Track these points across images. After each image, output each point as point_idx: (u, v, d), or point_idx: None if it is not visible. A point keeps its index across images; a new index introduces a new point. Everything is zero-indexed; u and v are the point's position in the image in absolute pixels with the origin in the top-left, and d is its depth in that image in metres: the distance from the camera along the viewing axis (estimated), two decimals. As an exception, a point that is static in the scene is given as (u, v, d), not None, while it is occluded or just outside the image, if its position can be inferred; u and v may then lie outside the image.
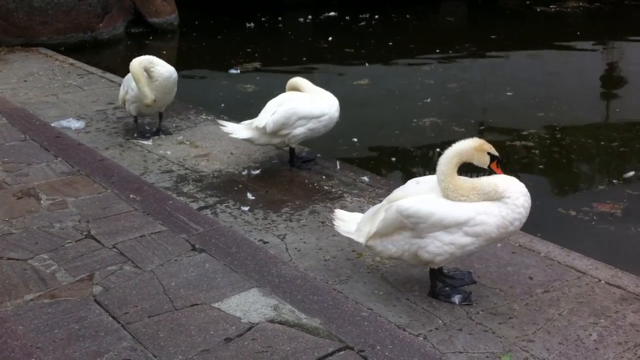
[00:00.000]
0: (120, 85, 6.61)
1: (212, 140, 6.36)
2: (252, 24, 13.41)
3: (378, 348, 3.25)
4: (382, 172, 6.47)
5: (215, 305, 3.61)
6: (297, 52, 11.73)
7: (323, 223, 4.66)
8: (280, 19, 14.01)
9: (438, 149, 7.11)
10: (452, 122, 7.80)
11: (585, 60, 11.36)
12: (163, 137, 6.47)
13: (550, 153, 7.03)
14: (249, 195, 5.14)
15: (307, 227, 4.64)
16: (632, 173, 6.32)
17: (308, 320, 3.47)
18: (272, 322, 3.47)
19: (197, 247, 4.25)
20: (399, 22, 13.80)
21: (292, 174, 5.59)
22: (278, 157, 5.92)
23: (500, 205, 3.42)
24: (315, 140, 5.76)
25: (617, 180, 6.23)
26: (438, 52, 11.35)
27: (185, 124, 6.85)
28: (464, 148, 3.50)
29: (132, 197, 5.00)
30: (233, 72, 10.08)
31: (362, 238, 3.76)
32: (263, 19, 13.80)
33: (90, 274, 3.95)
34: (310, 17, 14.15)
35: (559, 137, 7.35)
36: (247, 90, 9.21)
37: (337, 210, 4.07)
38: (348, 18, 13.88)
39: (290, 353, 3.21)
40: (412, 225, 3.51)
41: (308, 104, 5.42)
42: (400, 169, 6.85)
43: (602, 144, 7.26)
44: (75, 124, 6.75)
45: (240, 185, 5.36)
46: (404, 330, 3.44)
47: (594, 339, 3.39)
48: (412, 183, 3.72)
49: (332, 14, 14.19)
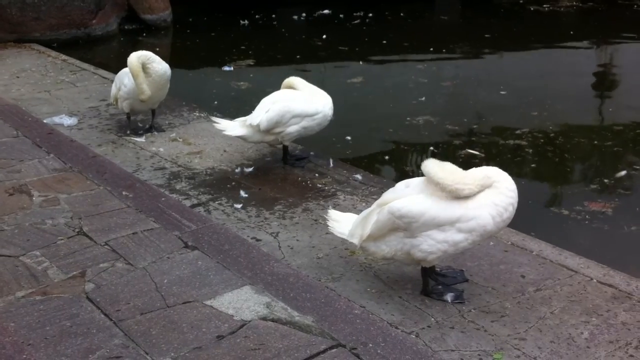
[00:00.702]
0: (113, 82, 6.59)
1: (205, 138, 6.34)
2: (246, 21, 13.38)
3: (370, 346, 3.25)
4: (375, 170, 6.46)
5: (208, 303, 3.61)
6: (291, 49, 11.71)
7: (316, 221, 4.65)
8: (274, 17, 13.98)
9: (432, 148, 7.12)
10: (445, 120, 7.80)
11: (579, 60, 11.38)
12: (156, 134, 6.45)
13: (544, 152, 7.04)
14: (242, 193, 5.13)
15: (300, 224, 4.64)
16: (624, 172, 6.34)
17: (300, 318, 3.47)
18: (264, 319, 3.46)
19: (189, 244, 4.24)
20: (393, 20, 13.79)
21: (285, 172, 5.58)
22: (271, 154, 5.91)
23: (492, 192, 3.45)
24: (309, 138, 5.75)
25: (609, 180, 6.25)
26: (432, 50, 11.35)
27: (179, 121, 6.83)
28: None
29: (124, 194, 4.99)
30: (227, 69, 10.05)
31: (355, 240, 3.77)
32: (257, 17, 13.77)
33: (82, 271, 3.94)
34: (304, 14, 14.12)
35: (552, 136, 7.37)
36: (240, 88, 9.19)
37: (330, 211, 4.07)
38: (342, 16, 13.86)
39: (283, 350, 3.21)
40: (405, 226, 3.52)
41: (302, 102, 5.41)
42: (394, 167, 6.85)
43: (595, 143, 7.28)
44: (68, 121, 6.73)
45: (233, 183, 5.35)
46: (396, 328, 3.45)
47: (586, 338, 3.40)
48: (401, 185, 3.72)
49: (326, 12, 14.16)
